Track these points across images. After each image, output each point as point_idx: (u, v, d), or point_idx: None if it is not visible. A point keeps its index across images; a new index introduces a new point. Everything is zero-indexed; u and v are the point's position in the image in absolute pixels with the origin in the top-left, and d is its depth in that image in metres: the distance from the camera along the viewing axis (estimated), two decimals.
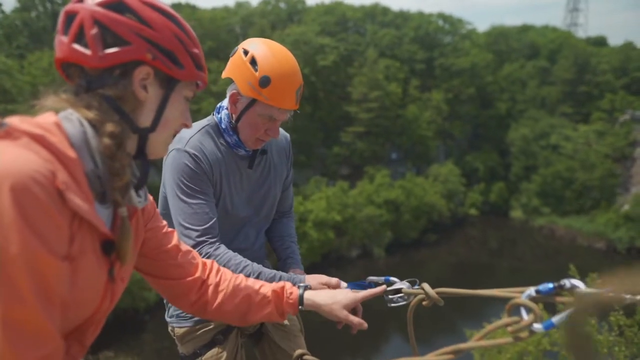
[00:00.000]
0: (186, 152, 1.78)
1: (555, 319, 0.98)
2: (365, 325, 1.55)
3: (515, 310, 1.06)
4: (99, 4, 0.98)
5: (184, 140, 1.80)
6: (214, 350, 1.94)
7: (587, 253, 29.67)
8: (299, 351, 1.69)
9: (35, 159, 0.81)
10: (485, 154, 38.51)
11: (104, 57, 0.97)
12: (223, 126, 1.89)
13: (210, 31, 33.47)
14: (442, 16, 43.96)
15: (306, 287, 1.57)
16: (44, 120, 0.91)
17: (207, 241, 1.77)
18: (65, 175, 0.85)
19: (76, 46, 0.97)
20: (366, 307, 1.63)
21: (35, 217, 0.79)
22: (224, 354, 1.95)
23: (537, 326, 1.01)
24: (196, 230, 1.77)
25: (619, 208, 31.86)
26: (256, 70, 1.71)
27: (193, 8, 38.15)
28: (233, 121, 1.86)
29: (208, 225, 1.78)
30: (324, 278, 1.80)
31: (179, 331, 1.98)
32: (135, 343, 17.90)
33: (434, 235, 31.95)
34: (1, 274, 0.76)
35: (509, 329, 1.04)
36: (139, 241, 1.21)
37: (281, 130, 2.06)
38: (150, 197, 1.25)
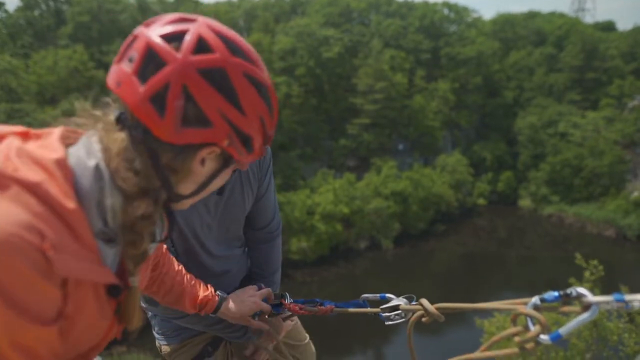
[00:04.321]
0: None
1: (563, 330, 0.97)
2: (265, 326, 1.74)
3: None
4: (197, 66, 0.82)
5: None
6: None
7: (596, 241, 29.50)
8: None
9: (19, 218, 0.71)
10: (493, 143, 38.24)
11: (180, 133, 0.83)
12: None
13: None
14: (447, 5, 43.51)
15: (224, 298, 1.68)
16: (47, 155, 0.79)
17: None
18: (60, 230, 0.75)
19: (151, 106, 0.82)
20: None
21: (12, 288, 0.70)
22: None
23: (544, 337, 0.99)
24: None
25: (629, 194, 31.59)
26: None
27: (196, 3, 38.01)
28: None
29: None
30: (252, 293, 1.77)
31: (165, 349, 1.94)
32: (147, 338, 18.04)
33: (442, 225, 31.88)
34: None
35: (516, 339, 1.03)
36: (143, 282, 1.14)
37: None
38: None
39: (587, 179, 33.41)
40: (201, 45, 0.84)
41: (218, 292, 1.67)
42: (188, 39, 0.84)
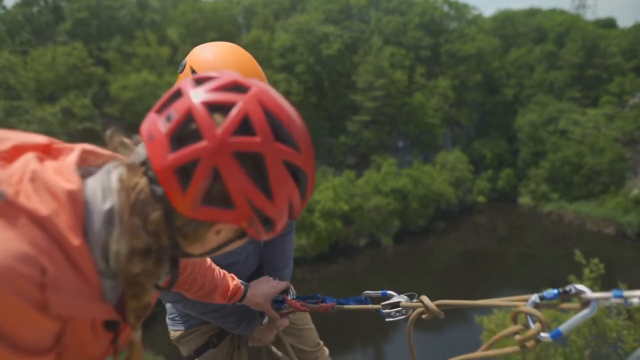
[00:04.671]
0: None
1: (563, 327, 0.97)
2: (277, 316, 1.80)
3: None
4: (234, 148, 0.76)
5: None
6: (208, 353, 1.93)
7: (596, 238, 29.51)
8: None
9: (21, 252, 0.70)
10: (493, 140, 38.22)
11: (198, 210, 0.79)
12: None
13: (212, 22, 33.26)
14: (447, 2, 43.37)
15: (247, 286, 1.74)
16: (61, 185, 0.77)
17: None
18: (63, 265, 0.74)
19: (175, 176, 0.77)
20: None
21: (5, 321, 0.69)
22: (219, 356, 1.97)
23: (545, 335, 0.99)
24: None
25: (629, 192, 31.57)
26: None
27: (195, 0, 37.87)
28: None
29: None
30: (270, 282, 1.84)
31: (174, 334, 1.99)
32: (148, 334, 18.08)
33: (442, 223, 31.89)
34: None
35: (516, 337, 1.03)
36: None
37: None
38: None
39: (587, 176, 33.40)
40: (244, 126, 0.78)
41: (240, 281, 1.72)
42: (232, 115, 0.78)
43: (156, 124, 0.80)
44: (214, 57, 1.57)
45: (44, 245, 0.72)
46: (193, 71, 1.57)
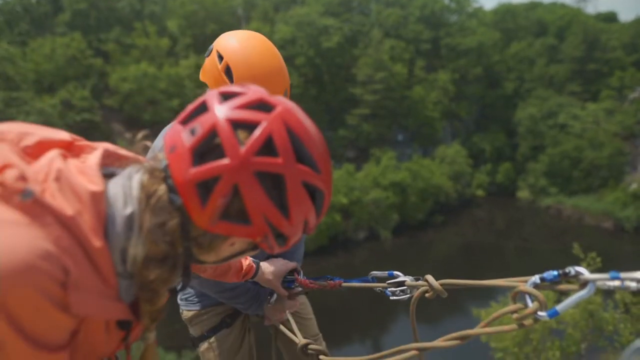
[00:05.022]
0: None
1: (560, 307, 0.98)
2: (285, 293, 1.83)
3: (520, 297, 1.06)
4: (256, 168, 0.78)
5: (155, 150, 1.79)
6: (222, 333, 1.99)
7: (594, 232, 29.58)
8: (303, 341, 1.67)
9: (46, 250, 0.72)
10: (492, 134, 38.18)
11: (215, 224, 0.81)
12: None
13: (212, 14, 33.07)
14: None
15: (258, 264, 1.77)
16: (84, 185, 0.79)
17: None
18: (85, 265, 0.76)
19: (196, 191, 0.79)
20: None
21: (25, 316, 0.71)
22: (231, 337, 2.01)
23: (542, 314, 1.01)
24: None
25: (627, 187, 31.61)
26: (231, 81, 1.59)
27: None
28: None
29: None
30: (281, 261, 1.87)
31: (187, 314, 2.02)
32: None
33: (441, 216, 31.93)
34: None
35: (514, 316, 1.05)
36: None
37: None
38: None
39: (586, 170, 33.42)
40: (267, 146, 0.80)
41: (251, 259, 1.75)
42: (256, 135, 0.79)
43: (180, 135, 0.81)
44: (239, 45, 1.61)
45: (67, 245, 0.74)
46: (220, 56, 1.62)
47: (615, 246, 27.31)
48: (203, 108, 0.83)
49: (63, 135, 0.89)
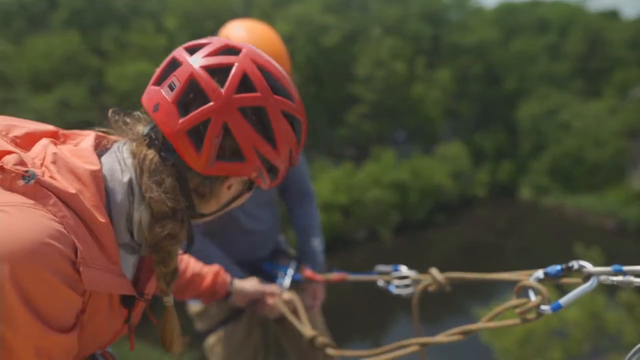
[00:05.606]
0: None
1: (563, 301, 0.99)
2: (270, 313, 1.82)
3: (523, 292, 1.07)
4: (239, 104, 0.85)
5: None
6: (229, 326, 2.05)
7: (596, 231, 29.42)
8: (311, 333, 1.72)
9: (54, 229, 0.74)
10: (494, 132, 38.07)
11: (213, 166, 0.88)
12: None
13: (210, 12, 32.96)
14: None
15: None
16: (82, 165, 0.82)
17: None
18: (90, 241, 0.79)
19: (188, 138, 0.85)
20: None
21: (37, 295, 0.73)
22: (239, 331, 2.05)
23: (545, 308, 1.01)
24: None
25: (630, 185, 31.53)
26: None
27: None
28: None
29: None
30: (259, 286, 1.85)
31: (194, 308, 2.08)
32: (146, 326, 18.02)
33: (442, 216, 31.84)
34: (3, 351, 0.74)
35: (517, 310, 1.05)
36: None
37: None
38: None
39: (588, 169, 33.32)
40: (244, 83, 0.87)
41: (230, 279, 1.74)
42: (232, 75, 0.86)
43: (160, 94, 0.88)
44: (244, 30, 1.70)
45: (73, 223, 0.77)
46: None
47: (617, 245, 27.09)
48: (174, 64, 0.90)
49: (48, 126, 0.94)
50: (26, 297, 0.72)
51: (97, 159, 0.87)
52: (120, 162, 0.89)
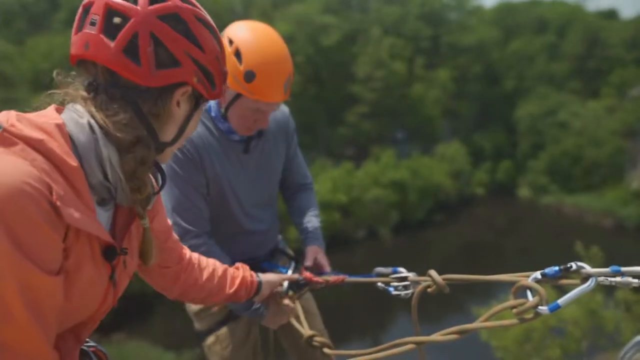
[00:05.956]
0: None
1: (561, 301, 0.99)
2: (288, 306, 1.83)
3: (522, 293, 1.08)
4: (157, 13, 0.93)
5: None
6: (228, 326, 2.04)
7: (594, 231, 29.51)
8: (309, 332, 1.71)
9: (28, 170, 0.77)
10: (492, 132, 38.14)
11: (156, 76, 0.94)
12: (213, 114, 1.87)
13: (210, 11, 31.90)
14: None
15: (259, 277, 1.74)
16: (46, 121, 0.87)
17: (192, 231, 1.81)
18: (64, 185, 0.82)
19: (126, 57, 0.91)
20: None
21: (23, 234, 0.75)
22: (238, 330, 2.06)
23: (543, 308, 1.02)
24: (184, 221, 1.82)
25: (628, 185, 31.62)
26: (240, 63, 1.68)
27: None
28: (222, 110, 1.84)
29: (195, 217, 1.83)
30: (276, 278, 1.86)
31: (193, 308, 2.10)
32: (146, 326, 18.15)
33: (441, 215, 31.89)
34: None
35: (514, 310, 1.06)
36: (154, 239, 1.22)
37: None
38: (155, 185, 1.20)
39: (587, 168, 33.40)
40: None
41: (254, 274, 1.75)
42: None
43: (85, 34, 0.94)
44: (249, 31, 1.76)
45: (44, 166, 0.80)
46: (230, 41, 1.72)
47: (615, 244, 27.20)
48: (87, 8, 0.95)
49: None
50: (11, 234, 0.74)
51: (59, 115, 0.92)
52: (76, 111, 0.93)
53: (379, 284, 1.66)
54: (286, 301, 1.83)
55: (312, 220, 2.20)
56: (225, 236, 1.96)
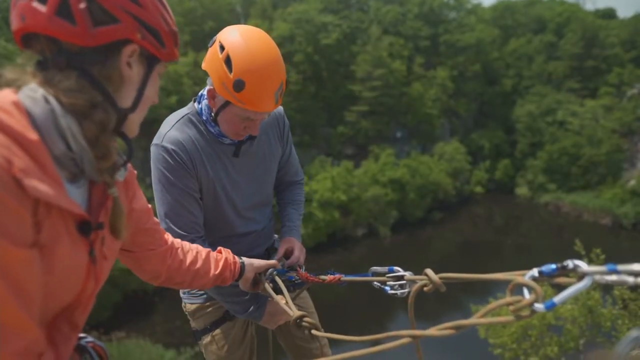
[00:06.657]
0: (163, 147, 1.76)
1: (557, 299, 0.98)
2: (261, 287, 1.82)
3: (518, 290, 1.06)
4: None
5: (162, 136, 1.78)
6: (224, 326, 2.02)
7: (592, 229, 29.63)
8: (297, 313, 1.62)
9: None
10: (491, 131, 38.19)
11: (94, 34, 0.91)
12: (204, 117, 1.84)
13: (211, 11, 32.96)
14: None
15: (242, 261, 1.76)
16: (2, 100, 0.85)
17: (186, 236, 1.77)
18: (26, 160, 0.80)
19: (60, 19, 0.89)
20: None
21: None
22: (234, 330, 2.04)
23: (539, 306, 1.01)
24: (177, 226, 1.80)
25: (625, 183, 31.68)
26: (230, 71, 1.62)
27: None
28: (213, 114, 1.81)
29: (188, 222, 1.80)
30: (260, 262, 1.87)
31: (190, 307, 2.06)
32: (146, 324, 18.21)
33: (440, 213, 31.96)
34: None
35: (510, 308, 1.04)
36: (130, 216, 1.19)
37: None
38: (130, 166, 1.18)
39: (584, 167, 33.47)
40: None
41: (239, 258, 1.76)
42: None
43: (19, 6, 0.92)
44: (240, 37, 1.67)
45: (4, 142, 0.78)
46: (221, 47, 1.66)
47: (613, 242, 27.37)
48: None
49: None
50: None
51: (15, 95, 0.90)
52: (29, 89, 0.91)
53: (375, 283, 1.64)
54: (266, 285, 1.79)
55: (291, 213, 2.18)
56: (220, 238, 1.93)
